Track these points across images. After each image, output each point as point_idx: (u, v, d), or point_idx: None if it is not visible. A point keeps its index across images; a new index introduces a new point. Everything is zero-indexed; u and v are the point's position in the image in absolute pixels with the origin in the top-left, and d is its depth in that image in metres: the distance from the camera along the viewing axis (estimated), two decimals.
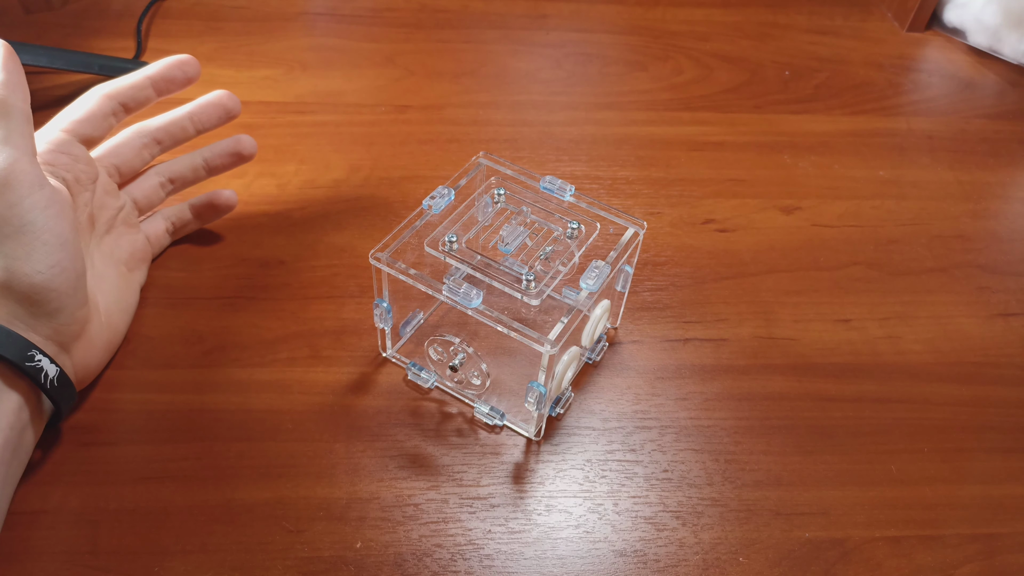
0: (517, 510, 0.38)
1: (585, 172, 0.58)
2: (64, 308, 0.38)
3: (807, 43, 0.73)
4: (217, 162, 0.50)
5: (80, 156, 0.42)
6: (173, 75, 0.46)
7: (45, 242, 0.36)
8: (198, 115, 0.48)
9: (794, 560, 0.37)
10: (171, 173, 0.49)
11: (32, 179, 0.36)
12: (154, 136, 0.47)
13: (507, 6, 0.74)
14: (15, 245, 0.36)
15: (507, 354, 0.44)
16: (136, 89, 0.45)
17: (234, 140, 0.49)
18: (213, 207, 0.50)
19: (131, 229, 0.46)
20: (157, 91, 0.46)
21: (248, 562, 0.36)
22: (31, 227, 0.36)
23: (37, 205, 0.36)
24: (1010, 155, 0.62)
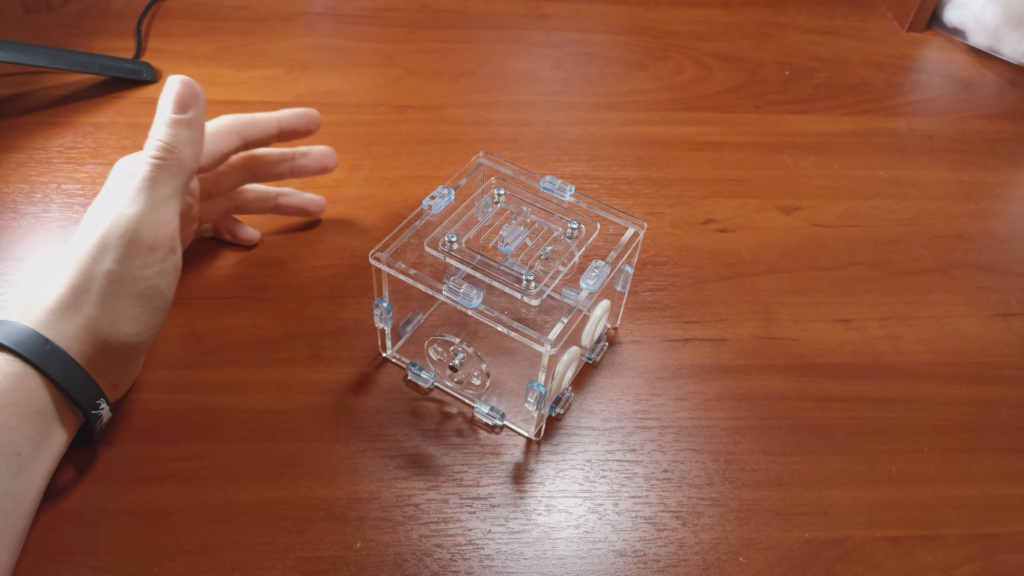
0: (517, 510, 0.38)
1: (585, 172, 0.58)
2: (136, 360, 0.39)
3: (807, 43, 0.73)
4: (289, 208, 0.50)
5: (196, 193, 0.43)
6: (297, 126, 0.46)
7: (157, 307, 0.37)
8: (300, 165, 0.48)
9: (794, 560, 0.37)
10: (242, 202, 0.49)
11: (174, 245, 0.37)
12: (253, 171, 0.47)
13: (507, 6, 0.74)
14: (132, 306, 0.36)
15: (507, 354, 0.44)
16: (262, 131, 0.45)
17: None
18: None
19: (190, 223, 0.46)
20: (281, 137, 0.46)
21: (248, 562, 0.36)
22: (154, 291, 0.37)
23: (167, 270, 0.37)
24: (1010, 155, 0.62)
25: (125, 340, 0.37)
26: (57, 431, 0.36)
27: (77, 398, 0.35)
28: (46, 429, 0.35)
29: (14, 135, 0.56)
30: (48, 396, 0.35)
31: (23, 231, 0.49)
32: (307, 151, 0.49)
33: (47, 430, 0.35)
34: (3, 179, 0.53)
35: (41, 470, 0.35)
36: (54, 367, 0.35)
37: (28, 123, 0.57)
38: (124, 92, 0.60)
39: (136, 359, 0.39)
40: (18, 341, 0.34)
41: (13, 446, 0.34)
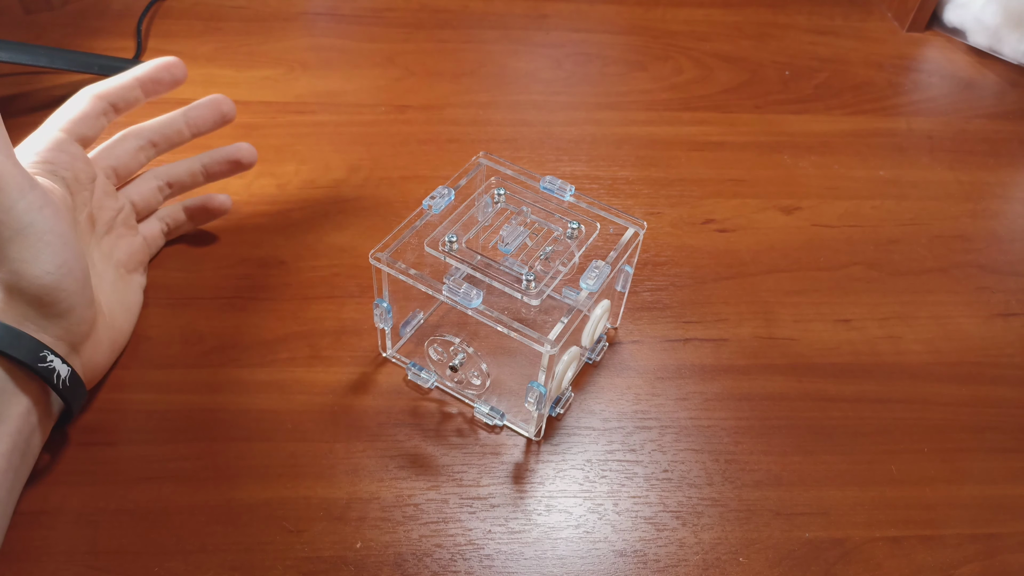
0: (517, 510, 0.38)
1: (585, 172, 0.58)
2: (74, 307, 0.38)
3: (807, 43, 0.73)
4: (216, 168, 0.50)
5: (78, 155, 0.42)
6: (160, 77, 0.46)
7: (48, 243, 0.36)
8: (193, 118, 0.48)
9: (794, 560, 0.37)
10: (169, 177, 0.49)
11: (20, 181, 0.36)
12: (149, 139, 0.47)
13: (507, 6, 0.74)
14: (19, 248, 0.36)
15: (507, 354, 0.44)
16: (124, 90, 0.45)
17: (234, 148, 0.49)
18: (206, 210, 0.50)
19: (129, 231, 0.46)
20: (145, 92, 0.46)
21: (248, 562, 0.36)
22: (31, 228, 0.36)
23: (32, 206, 0.36)
24: (1010, 155, 0.62)
25: (39, 281, 0.36)
26: (15, 395, 0.35)
27: (14, 354, 0.35)
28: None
29: (14, 135, 0.55)
30: None
31: None
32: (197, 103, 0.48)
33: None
34: None
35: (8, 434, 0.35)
36: None
37: (28, 123, 0.57)
38: None
39: (72, 307, 0.38)
40: None
41: None
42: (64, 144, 0.41)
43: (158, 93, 0.46)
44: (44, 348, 0.36)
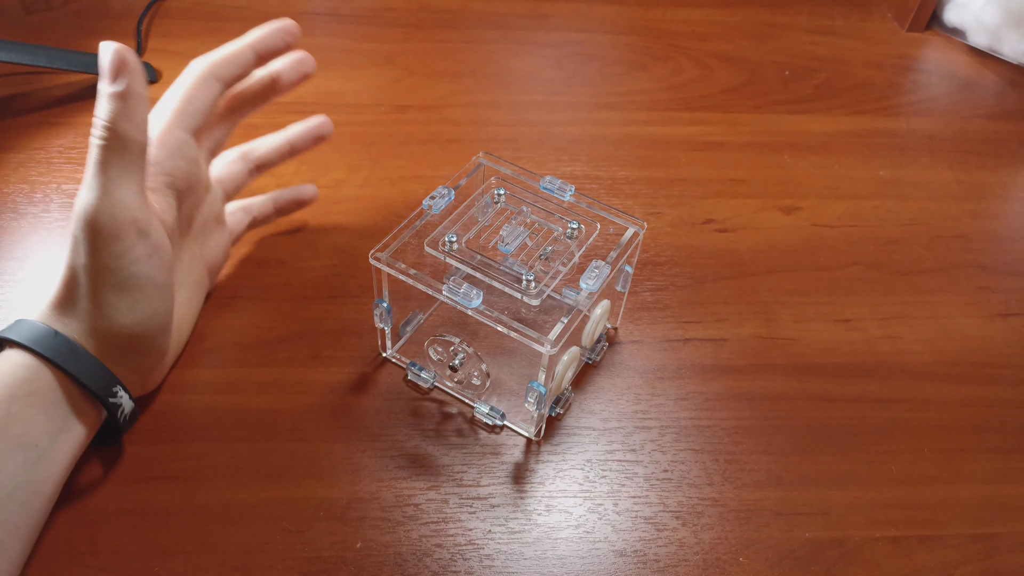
0: (517, 510, 0.38)
1: (585, 172, 0.58)
2: (152, 350, 0.39)
3: (807, 43, 0.73)
4: (302, 145, 0.48)
5: (195, 160, 0.40)
6: (274, 43, 0.42)
7: (147, 294, 0.36)
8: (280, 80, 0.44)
9: (794, 560, 0.37)
10: (260, 159, 0.47)
11: (141, 227, 0.35)
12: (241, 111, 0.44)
13: (507, 6, 0.74)
14: (117, 296, 0.36)
15: (507, 354, 0.44)
16: (240, 65, 0.41)
17: (317, 123, 0.49)
18: (299, 203, 0.50)
19: (219, 226, 0.45)
20: (260, 61, 0.42)
21: (248, 562, 0.36)
22: (134, 279, 0.36)
23: (142, 256, 0.35)
24: (1010, 155, 0.62)
25: (126, 330, 0.36)
26: (75, 424, 0.35)
27: (91, 386, 0.35)
28: (63, 420, 0.35)
29: (14, 135, 0.56)
30: (62, 388, 0.35)
31: (23, 231, 0.49)
32: (280, 67, 0.44)
33: (64, 421, 0.35)
34: (3, 179, 0.53)
35: (60, 463, 0.35)
36: (64, 357, 0.35)
37: (28, 123, 0.57)
38: None
39: (150, 347, 0.38)
40: (28, 337, 0.35)
41: (29, 436, 0.34)
42: (185, 147, 0.39)
43: (272, 59, 0.43)
44: (117, 383, 0.36)
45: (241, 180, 0.47)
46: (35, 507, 0.34)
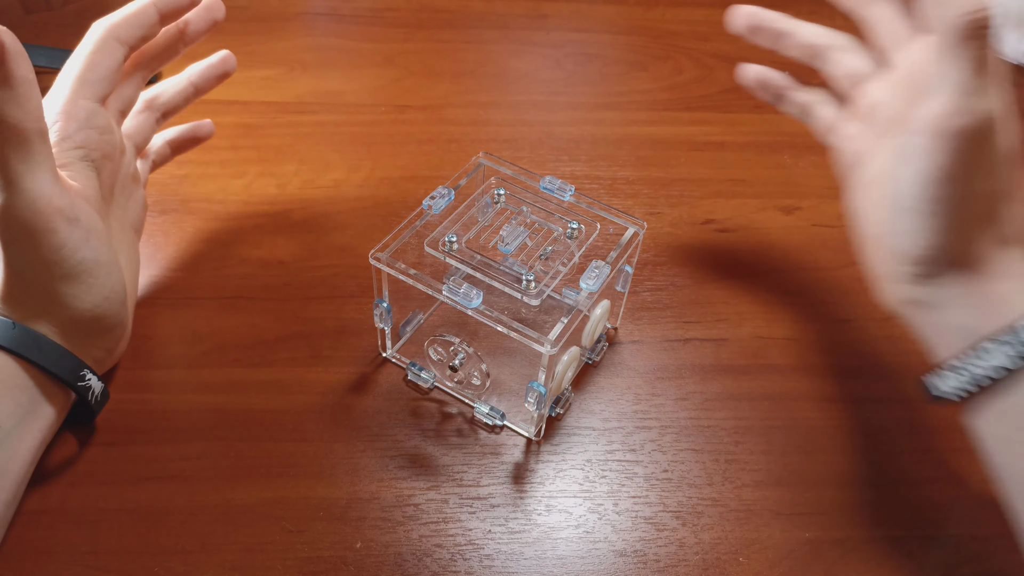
0: (517, 510, 0.38)
1: (585, 172, 0.58)
2: (116, 326, 0.39)
3: None
4: (204, 84, 0.46)
5: (107, 127, 0.38)
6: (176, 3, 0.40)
7: (96, 276, 0.36)
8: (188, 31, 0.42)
9: (794, 560, 0.37)
10: (166, 107, 0.45)
11: (68, 215, 0.34)
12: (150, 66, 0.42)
13: (507, 6, 0.74)
14: (71, 286, 0.35)
15: (507, 354, 0.44)
16: (143, 25, 0.39)
17: (218, 58, 0.46)
18: (195, 140, 0.49)
19: (136, 185, 0.44)
20: (162, 20, 0.40)
21: (248, 562, 0.36)
22: (81, 266, 0.35)
23: (80, 242, 0.35)
24: None
25: (88, 314, 0.36)
26: (43, 406, 0.36)
27: (57, 373, 0.35)
28: (29, 403, 0.35)
29: None
30: (27, 375, 0.35)
31: None
32: (188, 16, 0.42)
33: (30, 404, 0.35)
34: None
35: (26, 443, 0.35)
36: (27, 348, 0.35)
37: None
38: None
39: (112, 324, 0.38)
40: None
41: None
42: (94, 116, 0.37)
43: (176, 18, 0.41)
44: (84, 367, 0.37)
45: (149, 132, 0.44)
46: (1, 486, 0.34)
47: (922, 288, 0.34)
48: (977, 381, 0.32)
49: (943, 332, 0.34)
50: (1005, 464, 0.33)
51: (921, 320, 0.36)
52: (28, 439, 0.35)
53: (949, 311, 0.34)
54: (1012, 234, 0.33)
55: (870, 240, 0.37)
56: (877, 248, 0.36)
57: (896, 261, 0.35)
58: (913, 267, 0.34)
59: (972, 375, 0.32)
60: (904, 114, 0.35)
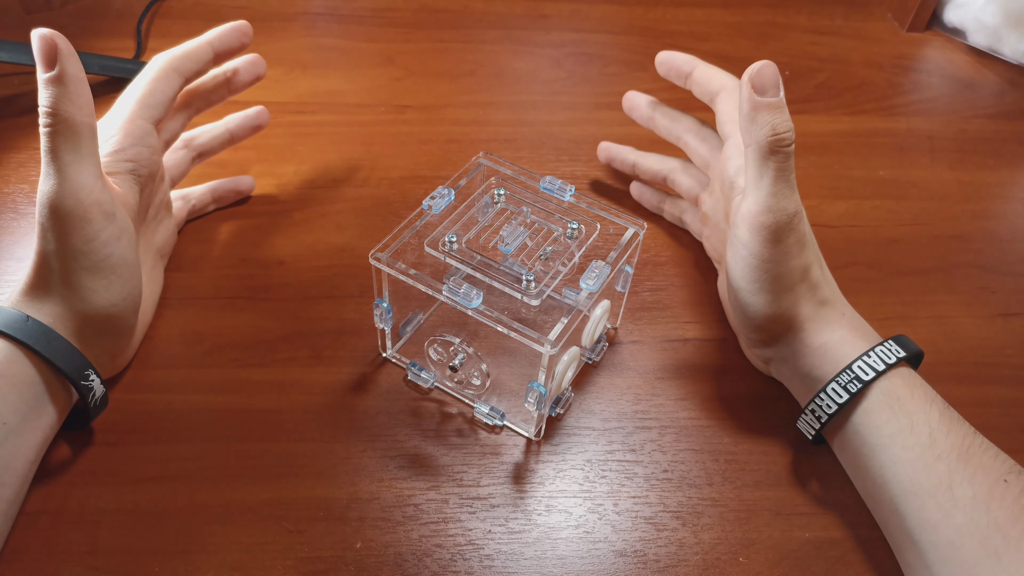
0: (517, 510, 0.38)
1: (585, 172, 0.58)
2: (126, 329, 0.39)
3: (807, 43, 0.73)
4: (241, 133, 0.51)
5: (156, 148, 0.41)
6: (231, 42, 0.45)
7: (120, 275, 0.37)
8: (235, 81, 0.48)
9: (794, 560, 0.37)
10: (203, 148, 0.49)
11: (106, 209, 0.36)
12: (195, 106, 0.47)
13: (507, 6, 0.74)
14: (92, 278, 0.36)
15: (507, 354, 0.44)
16: (199, 61, 0.43)
17: (256, 113, 0.51)
18: (236, 192, 0.52)
19: (168, 214, 0.46)
20: (216, 59, 0.45)
21: (248, 562, 0.36)
22: (107, 261, 0.36)
23: (112, 238, 0.36)
24: (1010, 155, 0.62)
25: (103, 311, 0.37)
26: (46, 405, 0.36)
27: (63, 368, 0.35)
28: (34, 400, 0.35)
29: (14, 135, 0.56)
30: (35, 369, 0.35)
31: (23, 231, 0.49)
32: (236, 67, 0.48)
33: (35, 401, 0.35)
34: (3, 179, 0.53)
35: (29, 442, 0.35)
36: (36, 340, 0.35)
37: (28, 123, 0.57)
38: None
39: (124, 327, 0.39)
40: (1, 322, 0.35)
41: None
42: (148, 136, 0.40)
43: (228, 59, 0.45)
44: (89, 366, 0.37)
45: (185, 167, 0.49)
46: (4, 482, 0.34)
47: (769, 348, 0.41)
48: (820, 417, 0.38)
49: (794, 381, 0.41)
50: (858, 485, 0.39)
51: (777, 373, 0.43)
52: (31, 437, 0.35)
53: (794, 363, 0.40)
54: (827, 296, 0.40)
55: (728, 315, 0.45)
56: (732, 321, 0.44)
57: (744, 330, 0.41)
58: (755, 334, 0.41)
59: (820, 413, 0.38)
60: (724, 215, 0.44)
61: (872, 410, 0.37)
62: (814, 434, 0.39)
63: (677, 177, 0.51)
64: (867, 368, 0.37)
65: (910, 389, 0.37)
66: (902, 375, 0.37)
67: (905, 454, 0.35)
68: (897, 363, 0.37)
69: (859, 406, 0.37)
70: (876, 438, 0.37)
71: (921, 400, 0.37)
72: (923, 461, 0.35)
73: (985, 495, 0.33)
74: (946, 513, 0.33)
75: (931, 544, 0.34)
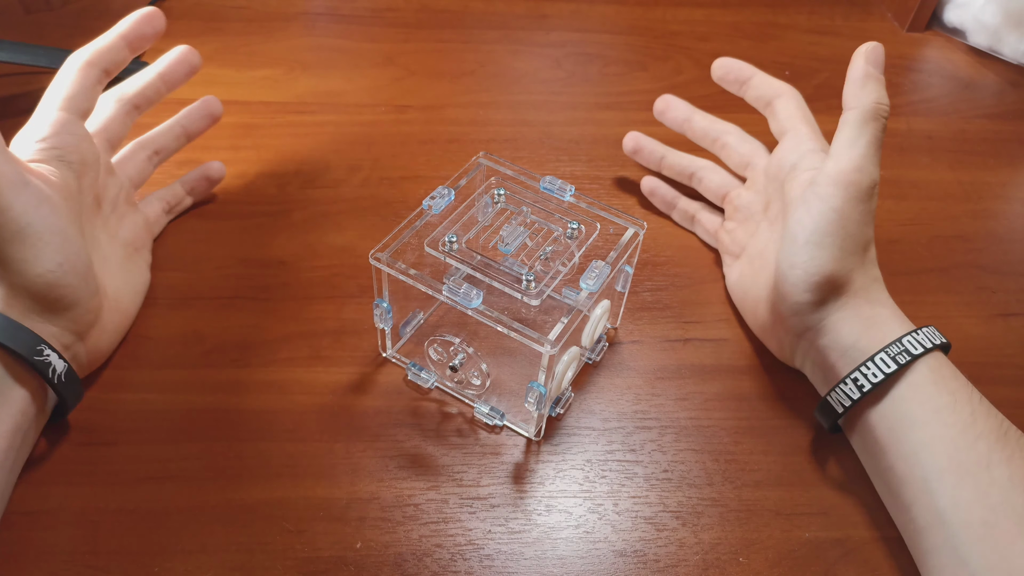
0: (517, 510, 0.38)
1: (585, 172, 0.58)
2: (78, 301, 0.38)
3: (807, 43, 0.73)
4: (194, 127, 0.51)
5: (82, 135, 0.41)
6: (143, 30, 0.45)
7: (48, 242, 0.37)
8: (168, 74, 0.47)
9: (794, 560, 0.37)
10: (156, 145, 0.49)
11: (13, 179, 0.36)
12: (133, 102, 0.47)
13: (507, 6, 0.74)
14: (19, 248, 0.36)
15: (507, 354, 0.44)
16: (112, 51, 0.43)
17: (202, 102, 0.51)
18: (206, 180, 0.52)
19: (131, 208, 0.47)
20: (131, 49, 0.44)
21: (248, 562, 0.36)
22: (29, 228, 0.36)
23: (28, 205, 0.36)
24: (1010, 155, 0.62)
25: (40, 279, 0.36)
26: (12, 388, 0.36)
27: (11, 346, 0.35)
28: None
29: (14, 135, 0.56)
30: None
31: None
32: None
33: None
34: None
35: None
36: None
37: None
38: None
39: (72, 297, 0.38)
40: None
41: None
42: (69, 125, 0.41)
43: (143, 48, 0.45)
44: (42, 342, 0.36)
45: (142, 167, 0.49)
46: None
47: (816, 314, 0.41)
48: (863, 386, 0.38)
49: (831, 354, 0.41)
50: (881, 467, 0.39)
51: (807, 351, 0.42)
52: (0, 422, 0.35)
53: (837, 331, 0.40)
54: (878, 276, 0.42)
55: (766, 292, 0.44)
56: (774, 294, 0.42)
57: (795, 292, 0.40)
58: (809, 293, 0.40)
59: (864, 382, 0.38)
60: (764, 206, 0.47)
61: (919, 384, 0.37)
62: (844, 409, 0.39)
63: (706, 175, 0.52)
64: (916, 344, 0.38)
65: (952, 370, 0.38)
66: (940, 359, 0.39)
67: (946, 431, 0.36)
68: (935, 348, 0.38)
69: (903, 379, 0.38)
70: (919, 413, 0.37)
71: (963, 381, 0.38)
72: (964, 439, 0.35)
73: (1022, 477, 0.34)
74: (983, 492, 0.34)
75: (963, 523, 0.34)
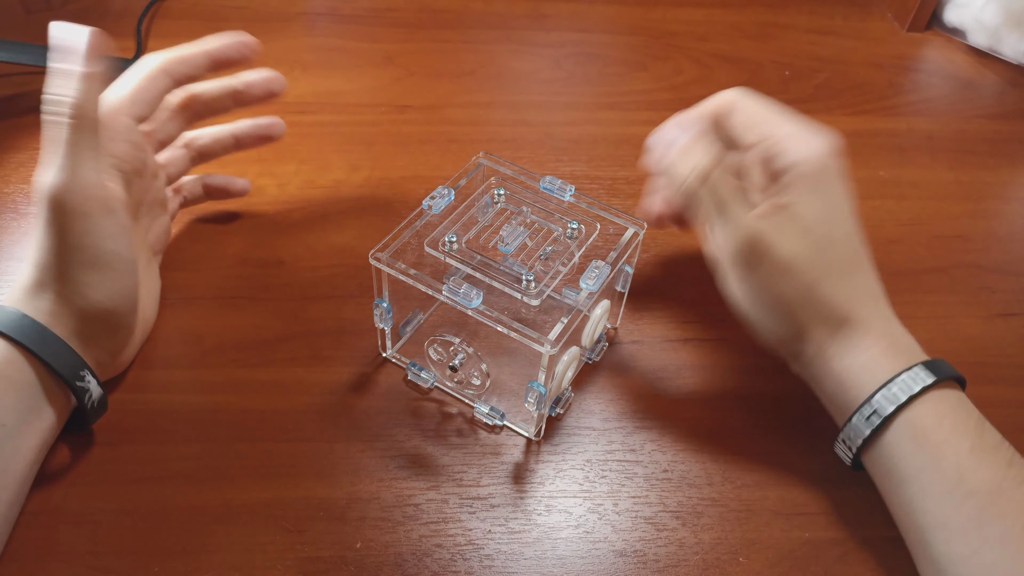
0: (517, 510, 0.38)
1: (585, 172, 0.58)
2: (126, 327, 0.39)
3: (807, 43, 0.73)
4: (247, 141, 0.49)
5: (141, 145, 0.41)
6: (231, 55, 0.44)
7: (116, 271, 0.37)
8: (244, 95, 0.46)
9: (794, 560, 0.37)
10: (203, 149, 0.48)
11: (104, 204, 0.36)
12: (198, 112, 0.46)
13: (507, 6, 0.74)
14: (89, 273, 0.36)
15: (507, 354, 0.44)
16: (191, 67, 0.42)
17: (267, 122, 0.49)
18: (227, 191, 0.51)
19: (162, 211, 0.46)
20: (212, 69, 0.43)
21: (248, 562, 0.36)
22: (104, 256, 0.36)
23: (110, 233, 0.36)
24: (1010, 155, 0.62)
25: (99, 307, 0.37)
26: (45, 407, 0.36)
27: (57, 368, 0.35)
28: (32, 400, 0.35)
29: (14, 135, 0.56)
30: (32, 370, 0.35)
31: (23, 231, 0.49)
32: (249, 80, 0.46)
33: (33, 402, 0.35)
34: (3, 179, 0.53)
35: (28, 443, 0.35)
36: (31, 339, 0.35)
37: (28, 123, 0.57)
38: None
39: (122, 324, 0.39)
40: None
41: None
42: (129, 132, 0.40)
43: (224, 71, 0.44)
44: (84, 367, 0.37)
45: (183, 166, 0.48)
46: (3, 484, 0.34)
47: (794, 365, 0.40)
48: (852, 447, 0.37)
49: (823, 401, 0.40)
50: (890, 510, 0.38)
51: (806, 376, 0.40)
52: (30, 438, 0.35)
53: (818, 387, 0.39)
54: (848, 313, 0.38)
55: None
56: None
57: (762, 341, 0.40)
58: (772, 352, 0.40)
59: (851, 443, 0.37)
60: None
61: (896, 442, 0.35)
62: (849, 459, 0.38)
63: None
64: (886, 403, 0.36)
65: (938, 420, 0.35)
66: (935, 401, 0.36)
67: (933, 489, 0.34)
68: (927, 389, 0.36)
69: (882, 437, 0.36)
70: (904, 469, 0.35)
71: (950, 432, 0.35)
72: (952, 498, 0.34)
73: (1018, 533, 0.32)
74: (975, 550, 0.33)
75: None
